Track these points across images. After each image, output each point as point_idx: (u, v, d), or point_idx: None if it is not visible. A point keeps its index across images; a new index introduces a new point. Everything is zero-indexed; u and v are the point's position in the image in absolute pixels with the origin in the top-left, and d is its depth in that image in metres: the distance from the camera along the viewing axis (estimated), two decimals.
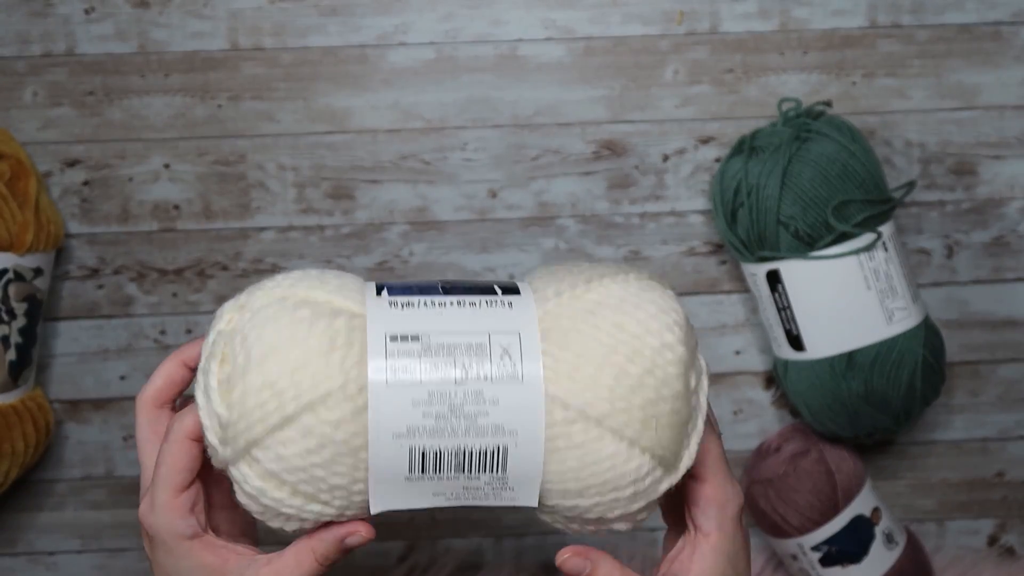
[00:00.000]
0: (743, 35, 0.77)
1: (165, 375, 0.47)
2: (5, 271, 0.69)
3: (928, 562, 0.77)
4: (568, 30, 0.76)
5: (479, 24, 0.76)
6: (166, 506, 0.44)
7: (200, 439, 0.44)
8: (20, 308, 0.70)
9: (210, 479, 0.46)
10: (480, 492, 0.43)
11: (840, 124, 0.71)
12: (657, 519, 0.67)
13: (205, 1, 0.75)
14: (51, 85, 0.76)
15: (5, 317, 0.69)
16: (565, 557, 0.46)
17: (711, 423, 0.46)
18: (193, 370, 0.47)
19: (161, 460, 0.44)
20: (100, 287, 0.78)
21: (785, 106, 0.75)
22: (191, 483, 0.45)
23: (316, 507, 0.43)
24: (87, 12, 0.75)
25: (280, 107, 0.76)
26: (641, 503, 0.44)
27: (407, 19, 0.76)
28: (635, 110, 0.77)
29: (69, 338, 0.78)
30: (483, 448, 0.41)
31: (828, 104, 0.75)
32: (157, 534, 0.45)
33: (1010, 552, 0.82)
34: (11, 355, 0.70)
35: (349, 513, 0.44)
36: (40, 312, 0.73)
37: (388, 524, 0.80)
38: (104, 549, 0.79)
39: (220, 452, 0.42)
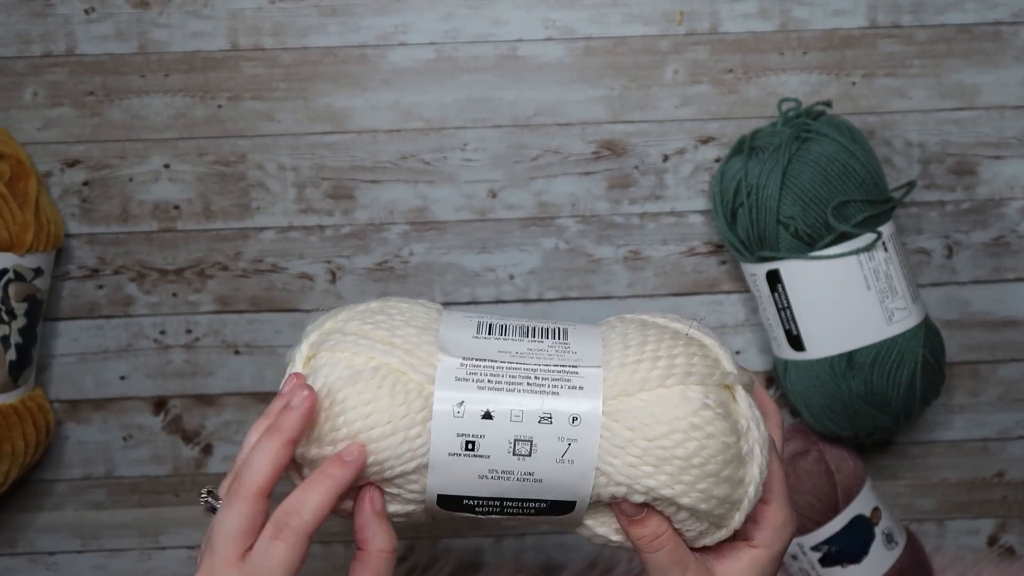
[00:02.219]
0: (743, 35, 0.77)
1: (278, 466, 0.44)
2: (5, 271, 0.69)
3: (928, 562, 0.77)
4: (568, 30, 0.76)
5: (479, 24, 0.76)
6: (244, 503, 0.44)
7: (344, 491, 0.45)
8: (20, 308, 0.70)
9: None
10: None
11: (840, 124, 0.71)
12: None
13: (205, 1, 0.75)
14: (51, 85, 0.76)
15: (5, 317, 0.69)
16: (623, 502, 0.47)
17: (777, 454, 0.49)
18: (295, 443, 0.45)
19: (251, 469, 0.44)
20: (100, 287, 0.78)
21: (785, 106, 0.75)
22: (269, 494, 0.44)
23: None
24: (87, 12, 0.75)
25: (280, 107, 0.76)
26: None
27: (407, 19, 0.76)
28: (635, 110, 0.77)
29: (69, 338, 0.78)
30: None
31: (828, 104, 0.75)
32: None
33: (1010, 552, 0.82)
34: (11, 355, 0.70)
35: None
36: (40, 312, 0.73)
37: None
38: (104, 549, 0.79)
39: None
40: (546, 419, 0.45)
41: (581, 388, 0.45)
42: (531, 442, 0.45)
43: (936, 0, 0.76)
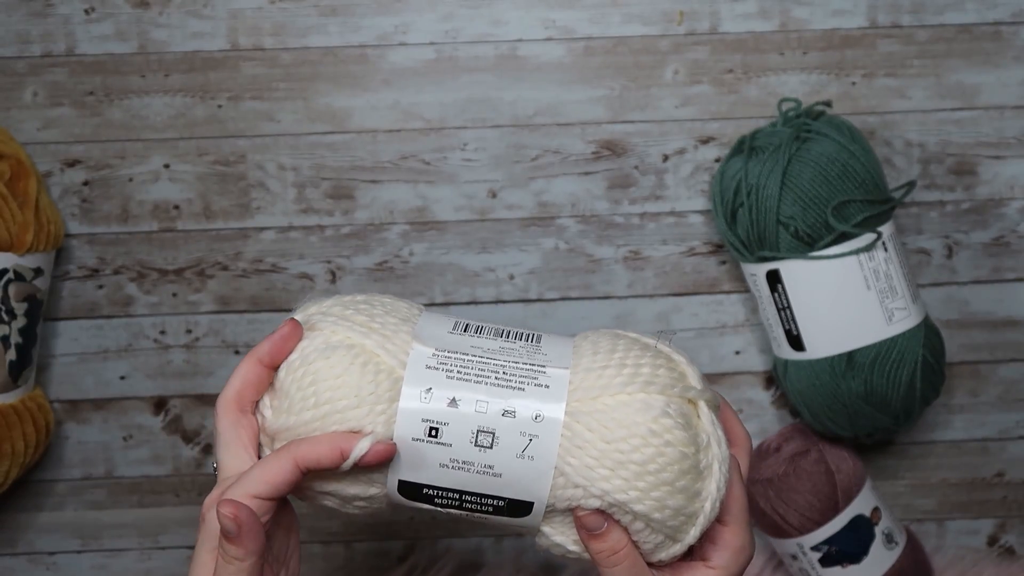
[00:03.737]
0: (743, 35, 0.77)
1: (243, 378, 0.48)
2: (5, 271, 0.69)
3: (928, 562, 0.77)
4: (568, 30, 0.76)
5: (479, 24, 0.76)
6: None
7: (310, 465, 0.45)
8: (20, 308, 0.70)
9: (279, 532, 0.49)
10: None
11: (840, 124, 0.71)
12: None
13: (205, 1, 0.75)
14: (51, 85, 0.76)
15: (5, 317, 0.69)
16: (588, 511, 0.47)
17: (740, 476, 0.49)
18: (268, 367, 0.48)
19: (258, 467, 0.45)
20: (100, 287, 0.78)
21: (785, 106, 0.75)
22: (272, 498, 0.45)
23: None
24: (87, 12, 0.75)
25: (280, 107, 0.76)
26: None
27: (407, 19, 0.76)
28: (635, 110, 0.77)
29: (69, 338, 0.78)
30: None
31: (828, 104, 0.75)
32: (209, 523, 0.45)
33: (1010, 552, 0.82)
34: (11, 355, 0.70)
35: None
36: (40, 312, 0.73)
37: (388, 524, 0.80)
38: (104, 549, 0.79)
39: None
40: (510, 413, 0.46)
41: (547, 387, 0.47)
42: (493, 434, 0.46)
43: (936, 0, 0.76)
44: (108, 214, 0.77)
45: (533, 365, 0.47)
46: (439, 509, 0.48)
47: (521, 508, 0.47)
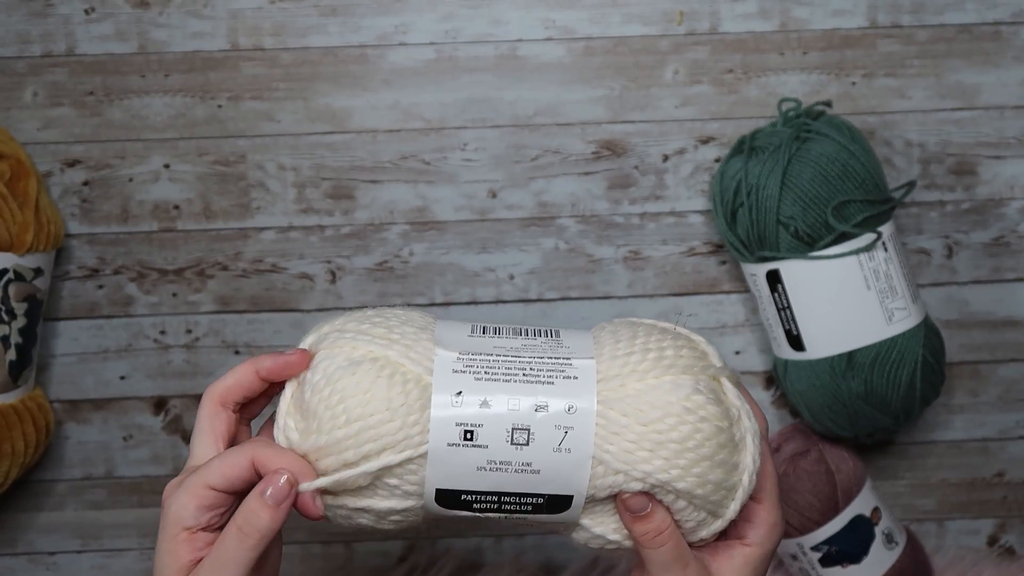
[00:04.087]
0: (743, 35, 0.77)
1: (237, 379, 0.48)
2: (5, 271, 0.69)
3: (928, 562, 0.77)
4: (568, 30, 0.76)
5: (479, 24, 0.76)
6: (191, 490, 0.45)
7: (260, 469, 0.45)
8: (20, 308, 0.70)
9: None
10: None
11: (840, 124, 0.71)
12: None
13: (205, 1, 0.75)
14: (51, 85, 0.76)
15: (5, 317, 0.69)
16: (629, 495, 0.47)
17: (768, 451, 0.50)
18: (262, 379, 0.48)
19: (218, 457, 0.46)
20: (100, 287, 0.78)
21: (785, 106, 0.75)
22: (227, 491, 0.45)
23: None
24: (87, 12, 0.75)
25: (280, 107, 0.76)
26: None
27: (407, 19, 0.76)
28: (635, 110, 0.77)
29: (69, 338, 0.78)
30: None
31: (828, 104, 0.75)
32: (167, 510, 0.45)
33: (1010, 552, 0.82)
34: (11, 355, 0.70)
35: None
36: (40, 312, 0.73)
37: None
38: (104, 549, 0.79)
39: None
40: (542, 408, 0.46)
41: (575, 378, 0.47)
42: (528, 431, 0.46)
43: (936, 0, 0.76)
44: (108, 214, 0.77)
45: (558, 358, 0.47)
46: (478, 515, 0.47)
47: (560, 503, 0.47)
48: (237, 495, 0.46)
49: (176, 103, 0.76)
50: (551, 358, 0.47)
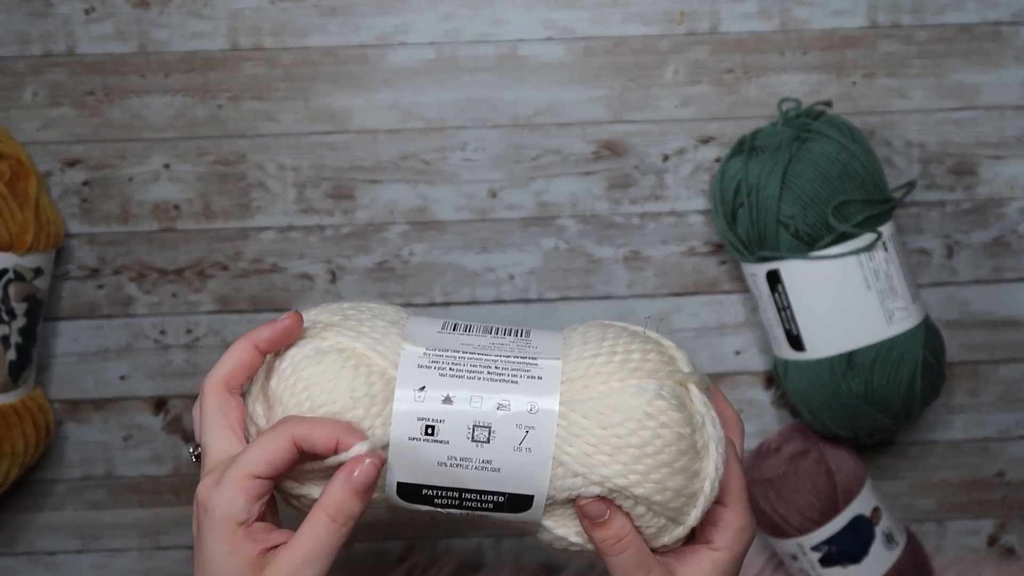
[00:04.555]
0: (743, 35, 0.77)
1: (235, 359, 0.47)
2: (5, 271, 0.69)
3: (928, 562, 0.77)
4: (568, 30, 0.76)
5: (479, 24, 0.76)
6: (234, 483, 0.44)
7: (305, 446, 0.45)
8: (20, 308, 0.70)
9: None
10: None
11: (840, 124, 0.71)
12: None
13: (205, 1, 0.75)
14: (51, 85, 0.76)
15: (5, 317, 0.69)
16: (588, 500, 0.47)
17: (736, 457, 0.49)
18: (263, 352, 0.47)
19: (256, 445, 0.44)
20: (100, 287, 0.78)
21: (785, 106, 0.75)
22: (270, 477, 0.44)
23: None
24: (87, 12, 0.75)
25: (280, 107, 0.76)
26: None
27: (407, 19, 0.76)
28: (635, 110, 0.77)
29: (69, 338, 0.78)
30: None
31: (828, 104, 0.75)
32: (213, 511, 0.44)
33: (1010, 552, 0.82)
34: (11, 355, 0.70)
35: None
36: (40, 312, 0.73)
37: (388, 524, 0.80)
38: (104, 549, 0.79)
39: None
40: (504, 407, 0.46)
41: (540, 378, 0.47)
42: (489, 428, 0.46)
43: (936, 0, 0.76)
44: (108, 214, 0.77)
45: (524, 358, 0.47)
46: (439, 510, 0.48)
47: (521, 502, 0.47)
48: (280, 479, 0.46)
49: (176, 103, 0.76)
50: (517, 357, 0.47)
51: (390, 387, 0.46)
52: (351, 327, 0.48)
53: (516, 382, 0.47)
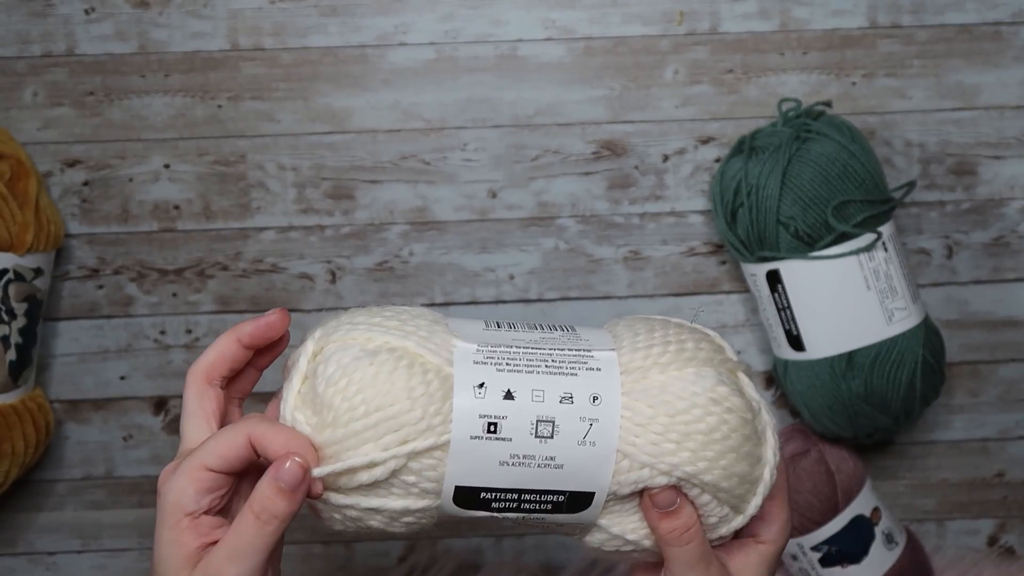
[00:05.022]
0: (743, 35, 0.77)
1: (219, 351, 0.47)
2: (5, 271, 0.69)
3: (928, 562, 0.77)
4: (568, 30, 0.76)
5: (479, 24, 0.76)
6: (188, 473, 0.43)
7: (258, 448, 0.43)
8: (20, 308, 0.70)
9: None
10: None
11: (840, 124, 0.71)
12: None
13: (205, 1, 0.75)
14: (51, 85, 0.76)
15: (5, 317, 0.69)
16: (658, 490, 0.46)
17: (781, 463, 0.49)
18: (246, 347, 0.47)
19: (213, 437, 0.44)
20: (100, 287, 0.78)
21: (785, 106, 0.75)
22: (226, 472, 0.44)
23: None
24: (87, 12, 0.75)
25: (280, 107, 0.76)
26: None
27: (407, 19, 0.76)
28: (635, 110, 0.77)
29: (69, 338, 0.78)
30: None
31: (828, 104, 0.75)
32: (165, 498, 0.44)
33: (1010, 552, 0.82)
34: (11, 355, 0.70)
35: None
36: (40, 312, 0.73)
37: None
38: (104, 549, 0.79)
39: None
40: (567, 399, 0.44)
41: (599, 369, 0.45)
42: (553, 423, 0.44)
43: (936, 0, 0.76)
44: (108, 214, 0.77)
45: (579, 350, 0.46)
46: (494, 515, 0.46)
47: (581, 500, 0.46)
48: (237, 475, 0.45)
49: (176, 103, 0.76)
50: (571, 350, 0.46)
51: (447, 384, 0.44)
52: (395, 327, 0.46)
53: (576, 374, 0.45)
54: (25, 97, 0.76)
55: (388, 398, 0.43)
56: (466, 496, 0.45)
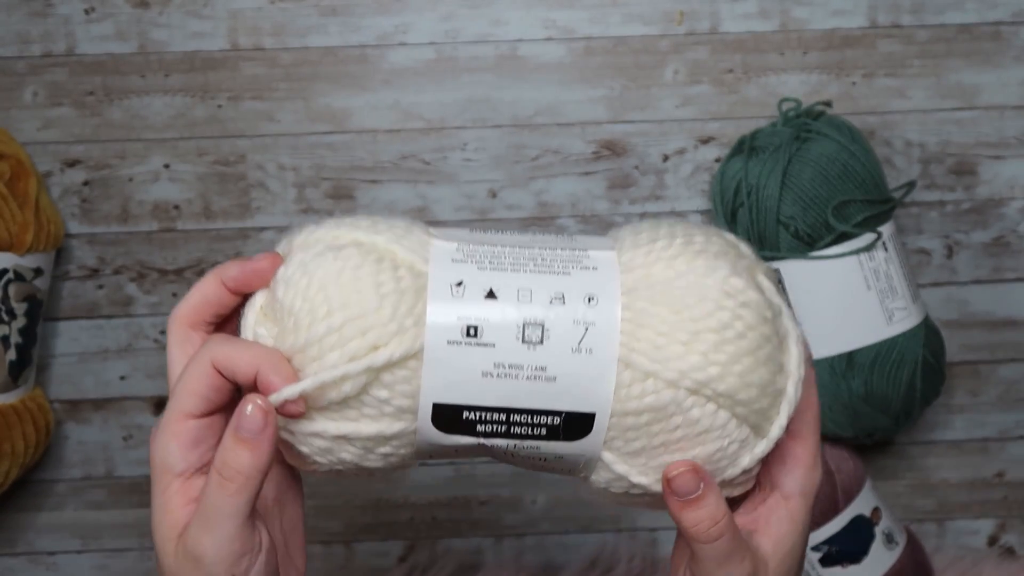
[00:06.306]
0: (743, 35, 0.77)
1: (202, 294, 0.41)
2: (5, 271, 0.69)
3: (928, 562, 0.77)
4: (568, 30, 0.76)
5: (479, 24, 0.76)
6: (168, 427, 0.39)
7: (226, 374, 0.38)
8: (20, 308, 0.70)
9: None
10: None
11: (840, 124, 0.71)
12: (655, 519, 0.66)
13: (205, 1, 0.75)
14: (51, 85, 0.76)
15: (5, 317, 0.69)
16: (679, 471, 0.39)
17: (812, 372, 0.42)
18: (232, 291, 0.41)
19: (180, 379, 0.39)
20: (100, 287, 0.78)
21: (785, 106, 0.75)
22: (206, 413, 0.39)
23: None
24: (87, 12, 0.75)
25: (280, 107, 0.76)
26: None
27: (407, 19, 0.76)
28: (635, 110, 0.77)
29: (69, 338, 0.78)
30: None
31: (828, 104, 0.75)
32: (152, 459, 0.39)
33: (1010, 552, 0.82)
34: (11, 355, 0.70)
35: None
36: (40, 312, 0.73)
37: (388, 524, 0.80)
38: (104, 549, 0.79)
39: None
40: (558, 299, 0.39)
41: (595, 268, 0.40)
42: (542, 327, 0.39)
43: (936, 0, 0.76)
44: (108, 214, 0.77)
45: (574, 250, 0.41)
46: (481, 440, 0.40)
47: (580, 424, 0.39)
48: (222, 416, 0.40)
49: (176, 103, 0.76)
50: (565, 249, 0.41)
51: (420, 282, 0.39)
52: (367, 225, 0.41)
53: (568, 273, 0.39)
54: (25, 97, 0.76)
55: (354, 296, 0.38)
56: (446, 416, 0.39)
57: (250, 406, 0.37)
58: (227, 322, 0.43)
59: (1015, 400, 0.80)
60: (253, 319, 0.40)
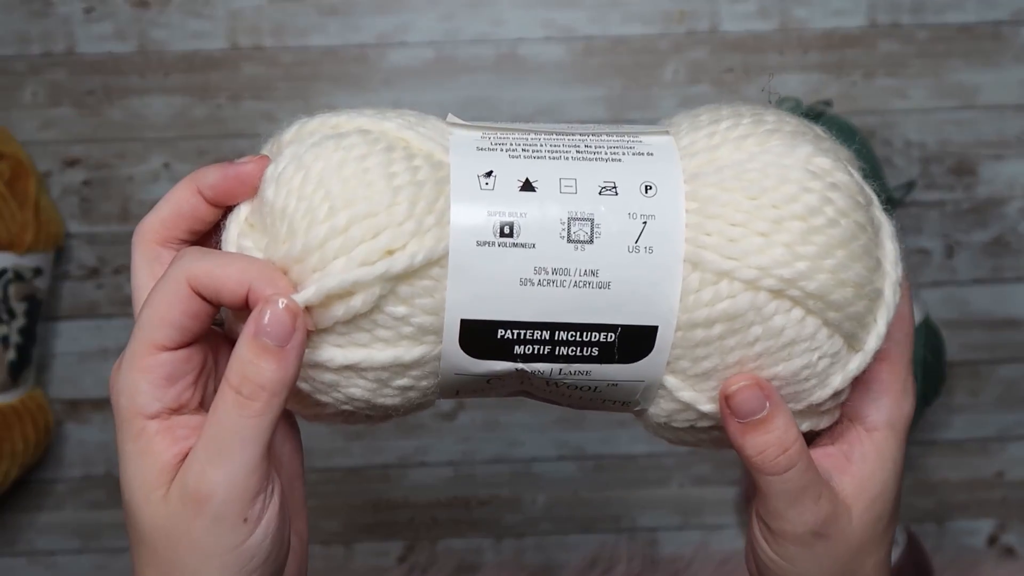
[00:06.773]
0: (743, 35, 0.77)
1: (174, 205, 0.33)
2: (5, 271, 0.69)
3: (928, 562, 0.77)
4: (568, 30, 0.76)
5: (479, 24, 0.76)
6: (134, 362, 0.31)
7: (207, 294, 0.31)
8: (20, 308, 0.70)
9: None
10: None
11: (840, 124, 0.71)
12: (655, 519, 0.66)
13: (205, 1, 0.75)
14: (51, 85, 0.76)
15: (5, 317, 0.69)
16: (739, 385, 0.32)
17: (904, 287, 0.34)
18: (211, 202, 0.33)
19: (147, 303, 0.31)
20: (100, 287, 0.78)
21: (785, 106, 0.75)
22: (180, 345, 0.31)
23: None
24: (87, 12, 0.75)
25: (280, 107, 0.76)
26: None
27: (407, 19, 0.76)
28: (635, 110, 0.77)
29: (69, 338, 0.78)
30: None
31: (828, 103, 0.75)
32: (116, 401, 0.32)
33: (1010, 552, 0.82)
34: (11, 355, 0.70)
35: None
36: (40, 312, 0.73)
37: (388, 524, 0.80)
38: (104, 549, 0.79)
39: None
40: (609, 189, 0.32)
41: (650, 154, 0.33)
42: (592, 221, 0.31)
43: (936, 0, 0.76)
44: (108, 214, 0.77)
45: (623, 135, 0.34)
46: (519, 366, 0.32)
47: (640, 341, 0.32)
48: (200, 345, 0.32)
49: (176, 103, 0.76)
50: (613, 135, 0.34)
51: (441, 173, 0.32)
52: (372, 113, 0.33)
53: (619, 160, 0.32)
54: (25, 97, 0.76)
55: (360, 191, 0.31)
56: (477, 336, 0.32)
57: (271, 308, 0.30)
58: (204, 240, 0.35)
59: (1015, 400, 0.80)
60: (236, 231, 0.33)
